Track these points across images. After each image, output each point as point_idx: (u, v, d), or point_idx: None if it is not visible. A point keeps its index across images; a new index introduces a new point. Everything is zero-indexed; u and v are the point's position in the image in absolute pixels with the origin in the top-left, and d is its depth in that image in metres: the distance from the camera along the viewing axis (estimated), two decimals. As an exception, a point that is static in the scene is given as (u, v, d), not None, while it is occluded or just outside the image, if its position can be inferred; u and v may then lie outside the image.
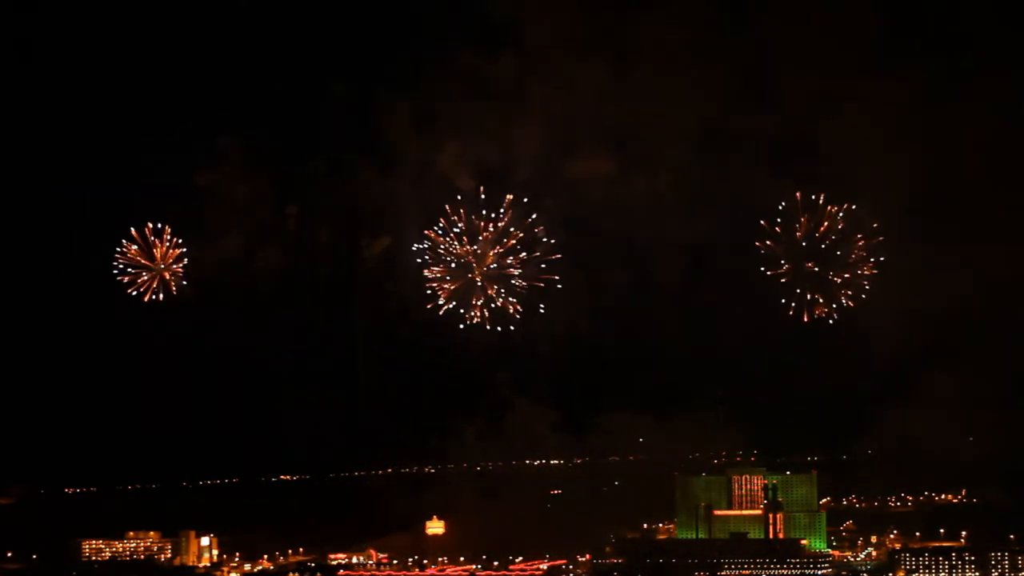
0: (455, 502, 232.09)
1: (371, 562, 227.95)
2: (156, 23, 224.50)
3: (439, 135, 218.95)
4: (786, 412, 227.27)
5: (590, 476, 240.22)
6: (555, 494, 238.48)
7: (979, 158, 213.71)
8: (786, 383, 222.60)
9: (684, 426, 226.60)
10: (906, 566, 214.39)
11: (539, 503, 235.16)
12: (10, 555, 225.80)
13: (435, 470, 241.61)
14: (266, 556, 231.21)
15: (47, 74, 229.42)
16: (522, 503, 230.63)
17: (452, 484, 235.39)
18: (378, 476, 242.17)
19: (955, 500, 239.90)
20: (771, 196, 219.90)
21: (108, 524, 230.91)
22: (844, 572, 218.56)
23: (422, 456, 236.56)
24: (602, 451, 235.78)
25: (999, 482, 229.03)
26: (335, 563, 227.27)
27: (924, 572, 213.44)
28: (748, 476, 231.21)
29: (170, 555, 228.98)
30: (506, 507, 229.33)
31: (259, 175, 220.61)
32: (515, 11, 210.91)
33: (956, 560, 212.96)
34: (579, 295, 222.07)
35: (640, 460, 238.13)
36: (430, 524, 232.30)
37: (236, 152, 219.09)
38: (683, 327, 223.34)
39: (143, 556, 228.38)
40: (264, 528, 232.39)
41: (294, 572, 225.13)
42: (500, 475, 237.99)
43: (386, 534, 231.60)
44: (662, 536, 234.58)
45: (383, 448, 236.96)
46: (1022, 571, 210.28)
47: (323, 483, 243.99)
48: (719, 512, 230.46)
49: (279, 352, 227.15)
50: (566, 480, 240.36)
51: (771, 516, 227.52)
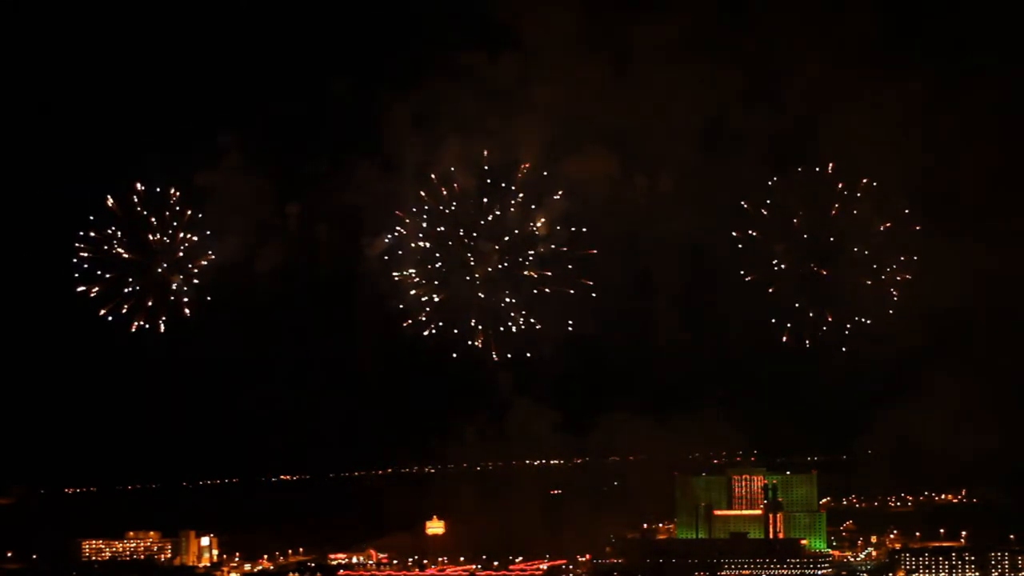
0: (455, 502, 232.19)
1: (371, 562, 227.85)
2: (155, 21, 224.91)
3: (440, 134, 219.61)
4: (786, 412, 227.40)
5: (590, 476, 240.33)
6: (555, 494, 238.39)
7: (982, 157, 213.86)
8: (786, 383, 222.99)
9: (684, 426, 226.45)
10: (906, 566, 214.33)
11: (539, 503, 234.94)
12: (10, 555, 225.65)
13: (435, 470, 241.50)
14: (266, 556, 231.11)
15: (46, 73, 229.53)
16: (522, 503, 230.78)
17: (452, 484, 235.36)
18: (378, 476, 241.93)
19: (955, 500, 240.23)
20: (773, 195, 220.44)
21: (108, 524, 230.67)
22: (844, 572, 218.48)
23: (422, 456, 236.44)
24: (602, 451, 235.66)
25: (999, 482, 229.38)
26: (335, 563, 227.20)
27: (924, 572, 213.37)
28: (748, 476, 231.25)
29: (170, 555, 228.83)
30: (506, 507, 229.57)
31: (259, 174, 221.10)
32: (516, 10, 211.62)
33: (956, 560, 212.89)
34: (579, 295, 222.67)
35: (640, 460, 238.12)
36: (430, 524, 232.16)
37: (236, 151, 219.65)
38: (684, 327, 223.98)
39: (143, 556, 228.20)
40: (264, 528, 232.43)
41: (294, 572, 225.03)
42: (500, 475, 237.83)
43: (386, 534, 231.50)
44: (662, 536, 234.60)
45: (383, 448, 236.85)
46: (1022, 571, 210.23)
47: (323, 483, 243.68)
48: (719, 512, 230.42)
49: (279, 352, 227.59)
50: (566, 480, 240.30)
51: (771, 516, 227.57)
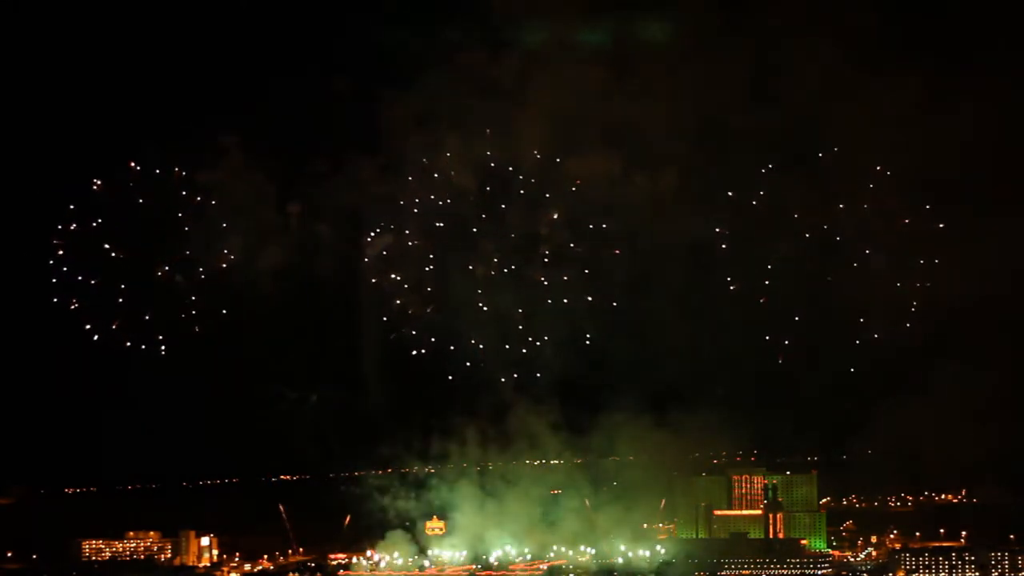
0: (455, 502, 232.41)
1: (371, 562, 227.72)
2: (155, 20, 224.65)
3: (441, 134, 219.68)
4: (786, 412, 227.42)
5: (590, 476, 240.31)
6: (555, 494, 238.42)
7: (983, 154, 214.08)
8: (786, 383, 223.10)
9: (684, 426, 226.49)
10: (906, 566, 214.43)
11: (539, 503, 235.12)
12: (10, 555, 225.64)
13: (435, 470, 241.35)
14: (266, 556, 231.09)
15: (45, 72, 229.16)
16: (522, 503, 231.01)
17: (452, 484, 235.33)
18: (378, 476, 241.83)
19: (955, 500, 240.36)
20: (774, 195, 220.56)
21: (108, 524, 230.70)
22: (844, 572, 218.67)
23: (422, 456, 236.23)
24: (602, 451, 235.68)
25: (999, 482, 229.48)
26: (335, 563, 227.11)
27: (924, 572, 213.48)
28: (748, 476, 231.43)
29: (170, 555, 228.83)
30: (506, 507, 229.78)
31: (260, 174, 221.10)
32: (517, 9, 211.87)
33: (956, 560, 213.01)
34: (580, 295, 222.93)
35: (640, 460, 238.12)
36: (430, 524, 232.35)
37: (237, 151, 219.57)
38: (684, 327, 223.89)
39: (143, 556, 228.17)
40: (264, 528, 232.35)
41: (294, 572, 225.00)
42: (500, 475, 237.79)
43: (386, 534, 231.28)
44: (662, 536, 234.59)
45: (383, 448, 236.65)
46: (1022, 571, 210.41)
47: (323, 483, 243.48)
48: (719, 512, 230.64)
49: (279, 351, 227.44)
50: (566, 480, 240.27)
51: (771, 516, 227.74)
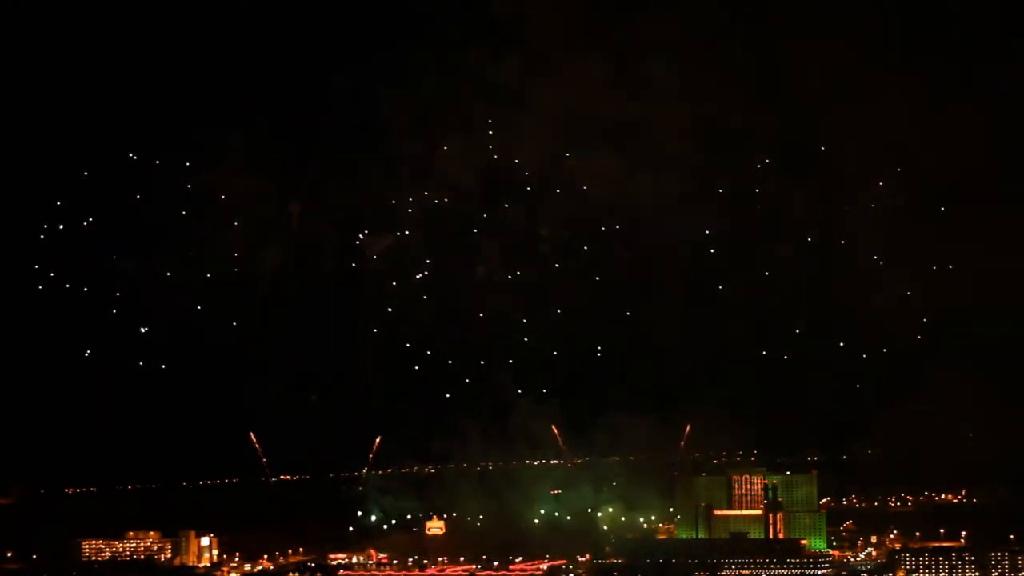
0: (455, 502, 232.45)
1: (371, 562, 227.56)
2: (159, 20, 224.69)
3: (441, 133, 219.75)
4: (786, 412, 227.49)
5: (590, 476, 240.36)
6: (555, 494, 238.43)
7: (984, 157, 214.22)
8: (787, 383, 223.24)
9: (684, 426, 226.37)
10: (906, 566, 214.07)
11: (539, 503, 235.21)
12: (10, 555, 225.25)
13: (435, 470, 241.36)
14: (266, 556, 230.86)
15: (48, 71, 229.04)
16: (522, 503, 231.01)
17: (452, 484, 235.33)
18: (377, 476, 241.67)
19: (955, 500, 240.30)
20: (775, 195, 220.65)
21: (108, 524, 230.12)
22: (844, 572, 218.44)
23: (423, 456, 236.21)
24: (602, 451, 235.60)
25: (999, 482, 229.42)
26: (335, 563, 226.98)
27: (924, 572, 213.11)
28: (748, 476, 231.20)
29: (170, 555, 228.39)
30: (506, 507, 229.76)
31: (261, 173, 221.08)
32: (518, 8, 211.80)
33: (956, 560, 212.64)
34: (581, 294, 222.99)
35: (640, 460, 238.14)
36: (430, 524, 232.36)
37: (238, 150, 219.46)
38: (685, 327, 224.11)
39: (143, 556, 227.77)
40: (264, 528, 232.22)
41: (294, 572, 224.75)
42: (500, 475, 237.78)
43: (386, 534, 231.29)
44: (662, 536, 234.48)
45: (383, 448, 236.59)
46: (1022, 571, 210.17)
47: (323, 483, 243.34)
48: (719, 512, 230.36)
49: (280, 351, 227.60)
50: (566, 480, 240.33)
51: (771, 516, 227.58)
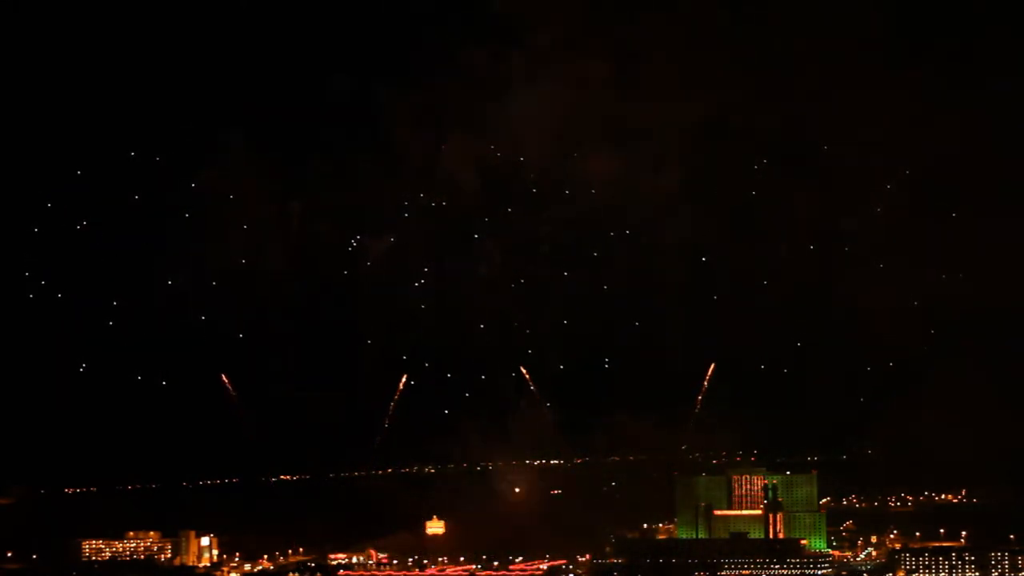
0: (455, 502, 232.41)
1: (371, 562, 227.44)
2: (158, 20, 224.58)
3: (442, 132, 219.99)
4: (786, 412, 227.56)
5: (590, 476, 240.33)
6: (555, 494, 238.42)
7: (985, 156, 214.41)
8: (787, 382, 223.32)
9: (684, 426, 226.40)
10: (906, 566, 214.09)
11: (539, 503, 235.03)
12: (10, 555, 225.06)
13: (435, 470, 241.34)
14: (266, 556, 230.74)
15: (47, 71, 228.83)
16: (522, 503, 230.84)
17: (452, 484, 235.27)
18: (378, 476, 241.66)
19: (955, 500, 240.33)
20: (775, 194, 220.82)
21: (108, 524, 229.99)
22: (844, 572, 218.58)
23: (423, 456, 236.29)
24: (602, 451, 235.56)
25: (999, 482, 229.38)
26: (335, 563, 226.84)
27: (924, 572, 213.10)
28: (748, 476, 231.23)
29: (170, 555, 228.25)
30: (506, 507, 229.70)
31: (261, 173, 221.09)
32: (519, 8, 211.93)
33: (956, 560, 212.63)
34: (581, 294, 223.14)
35: (640, 460, 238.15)
36: (430, 524, 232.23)
37: (238, 150, 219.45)
38: (685, 327, 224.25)
39: (143, 556, 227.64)
40: (264, 528, 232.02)
41: (294, 572, 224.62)
42: (500, 475, 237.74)
43: (386, 534, 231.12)
44: (662, 536, 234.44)
45: (383, 448, 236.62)
46: (1022, 571, 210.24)
47: (323, 483, 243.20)
48: (719, 512, 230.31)
49: (280, 351, 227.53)
50: (566, 480, 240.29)
51: (771, 516, 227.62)
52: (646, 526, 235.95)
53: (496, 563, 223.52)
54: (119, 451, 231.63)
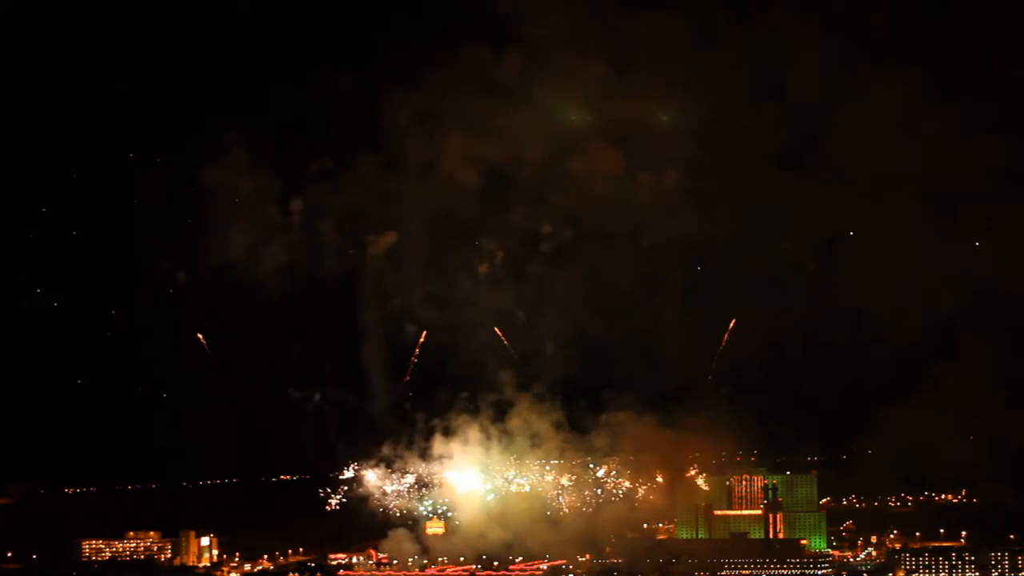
0: (455, 502, 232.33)
1: (371, 562, 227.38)
2: (158, 18, 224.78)
3: (442, 132, 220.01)
4: (786, 412, 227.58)
5: (590, 476, 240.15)
6: (555, 494, 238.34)
7: (985, 155, 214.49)
8: (787, 382, 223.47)
9: (685, 426, 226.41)
10: (906, 566, 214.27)
11: (539, 503, 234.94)
12: (10, 555, 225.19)
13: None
14: (266, 556, 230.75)
15: (45, 70, 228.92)
16: (522, 503, 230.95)
17: (454, 484, 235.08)
18: (378, 475, 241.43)
19: (955, 500, 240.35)
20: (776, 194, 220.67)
21: (108, 524, 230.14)
22: (844, 572, 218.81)
23: (422, 456, 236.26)
24: (603, 451, 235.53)
25: (1000, 482, 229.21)
26: (335, 563, 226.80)
27: (924, 572, 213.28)
28: (748, 476, 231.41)
29: (170, 555, 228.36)
30: (506, 507, 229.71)
31: (262, 172, 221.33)
32: (519, 6, 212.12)
33: (956, 560, 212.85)
34: (582, 294, 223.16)
35: (640, 460, 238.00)
36: (430, 524, 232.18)
37: (239, 149, 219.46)
38: (686, 327, 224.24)
39: (143, 556, 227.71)
40: (264, 528, 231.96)
41: (294, 572, 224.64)
42: (500, 475, 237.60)
43: (386, 534, 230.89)
44: (662, 536, 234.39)
45: (383, 448, 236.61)
46: (1022, 571, 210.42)
47: (323, 483, 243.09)
48: (719, 512, 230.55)
49: (280, 351, 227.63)
50: (566, 480, 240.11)
51: (771, 516, 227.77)
52: (646, 526, 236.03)
53: (496, 563, 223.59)
54: (119, 451, 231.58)
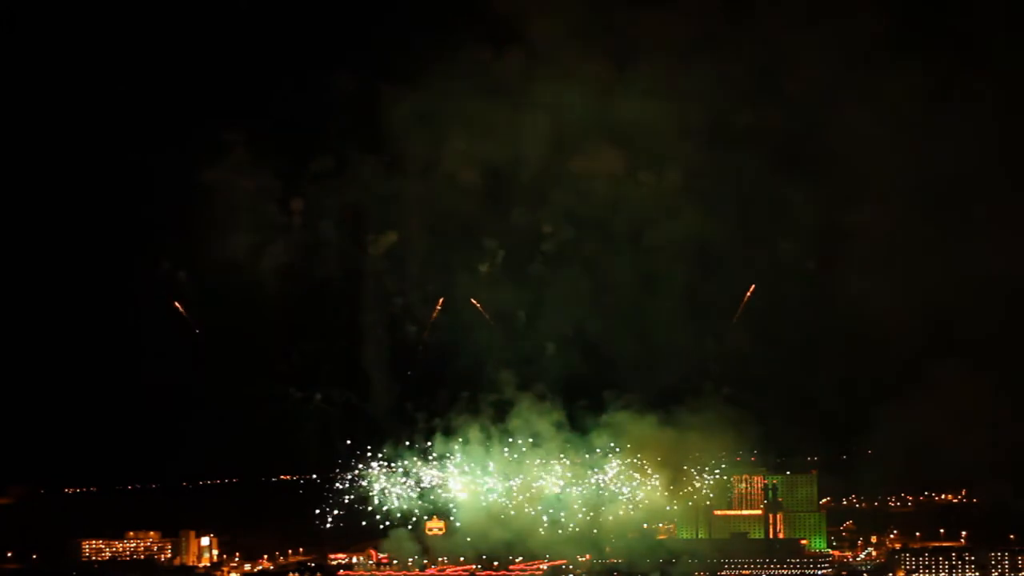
0: (455, 502, 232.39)
1: (371, 562, 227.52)
2: (158, 17, 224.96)
3: (443, 132, 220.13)
4: (786, 412, 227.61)
5: (590, 475, 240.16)
6: (555, 494, 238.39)
7: (985, 155, 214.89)
8: (787, 382, 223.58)
9: (685, 426, 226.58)
10: (906, 566, 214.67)
11: (539, 503, 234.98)
12: (10, 555, 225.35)
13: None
14: (266, 556, 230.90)
15: (45, 69, 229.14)
16: (522, 503, 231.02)
17: (454, 483, 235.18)
18: (379, 475, 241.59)
19: (955, 500, 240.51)
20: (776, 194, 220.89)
21: (108, 524, 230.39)
22: (844, 572, 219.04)
23: (422, 456, 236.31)
24: (603, 451, 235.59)
25: (999, 482, 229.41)
26: (335, 563, 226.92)
27: (924, 572, 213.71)
28: (748, 476, 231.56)
29: (170, 555, 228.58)
30: (506, 507, 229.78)
31: (263, 172, 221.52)
32: (520, 6, 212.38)
33: (956, 560, 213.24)
34: (582, 293, 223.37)
35: (640, 460, 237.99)
36: (430, 524, 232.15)
37: (240, 149, 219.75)
38: (687, 326, 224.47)
39: (143, 556, 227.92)
40: (264, 528, 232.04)
41: (294, 572, 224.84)
42: (500, 475, 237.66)
43: (386, 534, 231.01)
44: (662, 536, 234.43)
45: (383, 448, 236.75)
46: (1022, 571, 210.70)
47: (323, 483, 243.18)
48: (719, 512, 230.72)
49: (280, 351, 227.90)
50: (566, 480, 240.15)
51: (771, 516, 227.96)
52: (646, 526, 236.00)
53: (496, 563, 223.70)
54: (119, 451, 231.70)
